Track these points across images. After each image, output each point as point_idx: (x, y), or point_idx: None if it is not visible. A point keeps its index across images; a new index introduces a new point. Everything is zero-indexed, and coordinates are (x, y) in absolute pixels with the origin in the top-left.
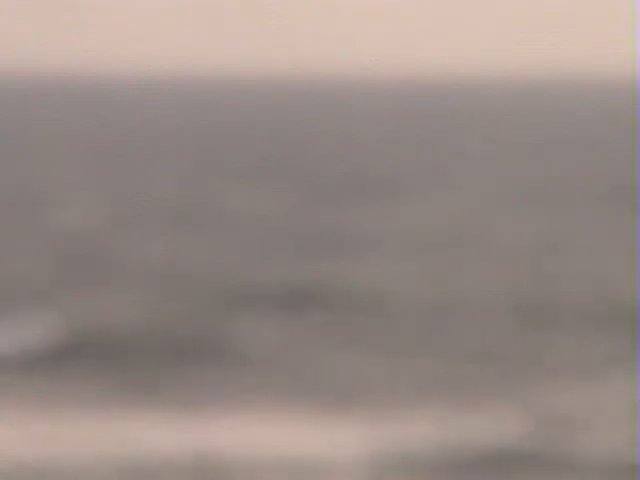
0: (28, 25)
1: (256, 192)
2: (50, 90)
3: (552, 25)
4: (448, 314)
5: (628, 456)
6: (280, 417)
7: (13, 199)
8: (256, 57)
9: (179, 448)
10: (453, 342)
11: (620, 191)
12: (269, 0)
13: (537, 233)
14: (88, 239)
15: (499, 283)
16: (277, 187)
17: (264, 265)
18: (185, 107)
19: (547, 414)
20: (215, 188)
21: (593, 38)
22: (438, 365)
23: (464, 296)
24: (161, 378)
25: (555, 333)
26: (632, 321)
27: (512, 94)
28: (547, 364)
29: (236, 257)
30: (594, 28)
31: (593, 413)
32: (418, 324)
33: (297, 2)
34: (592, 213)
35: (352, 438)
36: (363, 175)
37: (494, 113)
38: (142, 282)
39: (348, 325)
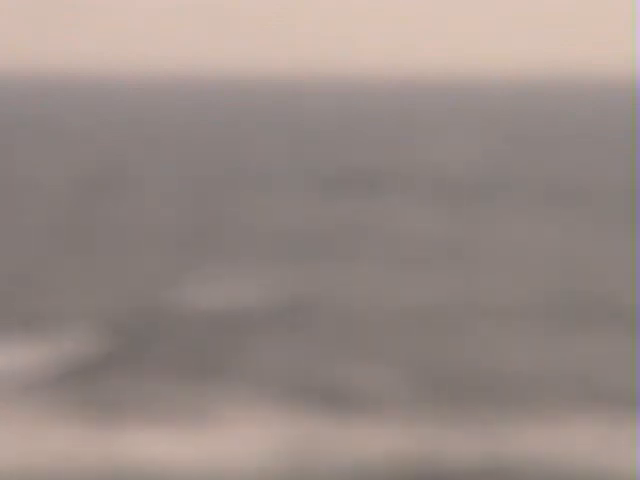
0: (28, 25)
1: (256, 193)
2: (50, 90)
3: (552, 25)
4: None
5: None
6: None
7: (11, 199)
8: (256, 57)
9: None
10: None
11: (620, 191)
12: (269, 0)
13: (534, 234)
14: (81, 244)
15: (487, 289)
16: (276, 187)
17: (257, 266)
18: (185, 107)
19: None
20: (214, 188)
21: (593, 38)
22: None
23: (445, 303)
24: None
25: (538, 341)
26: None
27: (512, 94)
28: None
29: (235, 259)
30: (594, 28)
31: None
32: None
33: (297, 2)
34: (592, 212)
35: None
36: (362, 174)
37: (494, 113)
38: (135, 286)
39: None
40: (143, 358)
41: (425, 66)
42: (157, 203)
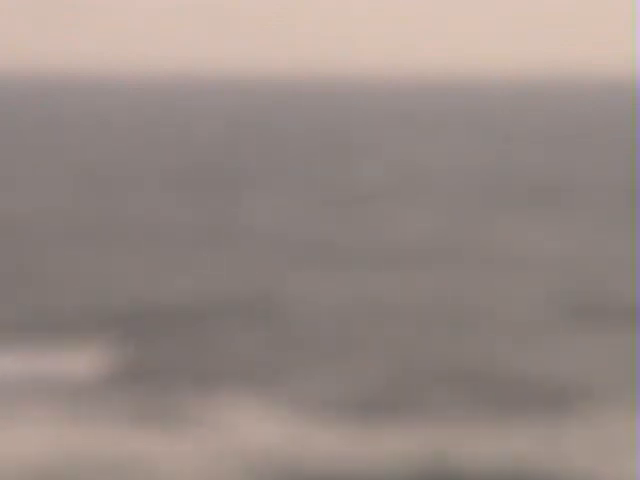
0: (28, 25)
1: (254, 195)
2: (50, 90)
3: (552, 25)
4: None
5: None
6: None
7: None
8: (256, 57)
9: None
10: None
11: (620, 191)
12: (269, 0)
13: (535, 235)
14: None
15: (487, 289)
16: (274, 189)
17: (243, 273)
18: (184, 107)
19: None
20: (211, 191)
21: (593, 38)
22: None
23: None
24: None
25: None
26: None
27: (512, 94)
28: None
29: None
30: (594, 28)
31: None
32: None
33: (297, 2)
34: (592, 213)
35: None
36: (359, 176)
37: (494, 113)
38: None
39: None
40: (156, 361)
41: (425, 66)
42: (151, 203)
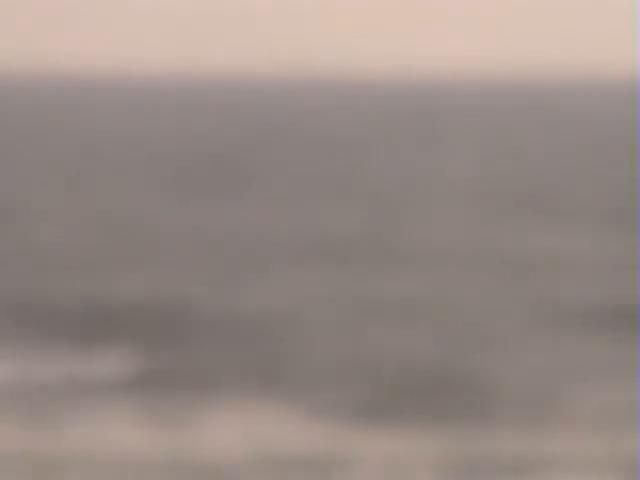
0: (28, 25)
1: (253, 196)
2: (51, 90)
3: (552, 25)
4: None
5: None
6: None
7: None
8: (255, 58)
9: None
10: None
11: (621, 191)
12: (267, 1)
13: (530, 237)
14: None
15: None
16: (272, 190)
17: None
18: (184, 108)
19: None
20: (210, 193)
21: (593, 38)
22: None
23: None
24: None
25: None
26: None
27: (511, 94)
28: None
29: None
30: (594, 28)
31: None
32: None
33: (296, 2)
34: (592, 212)
35: None
36: (357, 176)
37: (493, 112)
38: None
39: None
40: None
41: (425, 66)
42: (150, 202)
